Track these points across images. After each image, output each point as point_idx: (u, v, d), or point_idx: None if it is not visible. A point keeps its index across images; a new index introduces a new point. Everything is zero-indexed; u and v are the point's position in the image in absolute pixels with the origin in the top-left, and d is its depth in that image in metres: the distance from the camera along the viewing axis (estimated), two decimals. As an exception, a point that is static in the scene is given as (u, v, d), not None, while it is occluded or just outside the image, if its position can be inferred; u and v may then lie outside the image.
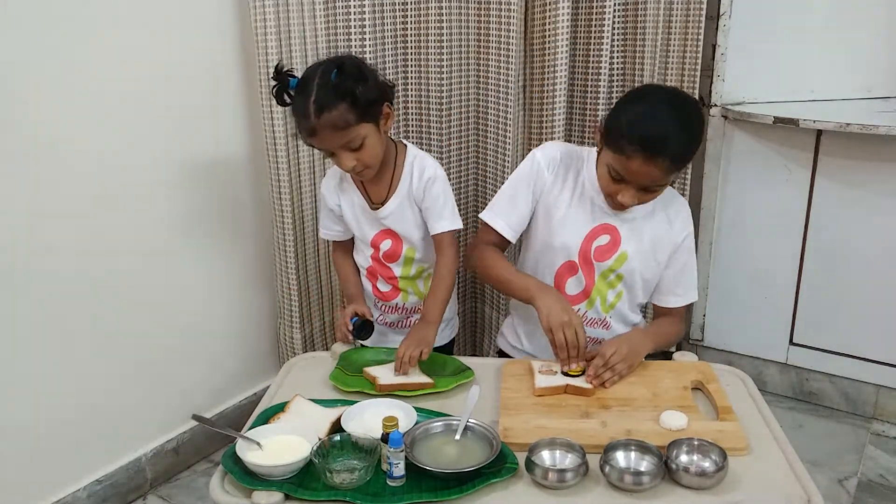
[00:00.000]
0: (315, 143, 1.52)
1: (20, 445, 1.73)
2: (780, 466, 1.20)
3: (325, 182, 1.73)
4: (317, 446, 1.16)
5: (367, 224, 1.68)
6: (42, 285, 1.70)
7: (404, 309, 1.75)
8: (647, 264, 1.60)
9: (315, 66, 1.52)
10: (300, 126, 1.50)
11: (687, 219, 1.63)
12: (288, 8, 1.93)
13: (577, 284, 1.61)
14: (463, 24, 2.11)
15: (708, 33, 2.21)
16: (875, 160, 2.19)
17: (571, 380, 1.40)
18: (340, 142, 1.49)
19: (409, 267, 1.72)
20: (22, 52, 1.59)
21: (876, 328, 2.29)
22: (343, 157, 1.51)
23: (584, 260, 1.59)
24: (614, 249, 1.58)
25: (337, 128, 1.47)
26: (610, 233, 1.58)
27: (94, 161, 1.76)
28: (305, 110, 1.46)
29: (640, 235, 1.58)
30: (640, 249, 1.58)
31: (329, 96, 1.45)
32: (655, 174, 1.42)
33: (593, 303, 1.62)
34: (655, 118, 1.42)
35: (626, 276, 1.60)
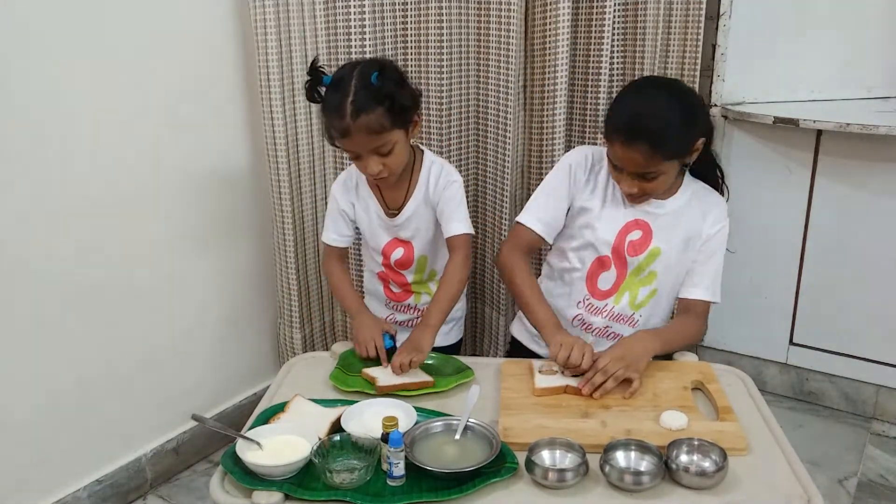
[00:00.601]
0: (344, 144, 1.50)
1: (20, 445, 1.73)
2: (780, 466, 1.20)
3: (339, 184, 1.69)
4: (317, 446, 1.16)
5: (379, 231, 1.67)
6: (42, 285, 1.70)
7: (416, 308, 1.75)
8: (679, 261, 1.60)
9: (351, 65, 1.51)
10: (331, 125, 1.48)
11: (721, 214, 1.61)
12: (288, 8, 1.94)
13: (609, 279, 1.62)
14: (463, 24, 2.11)
15: (708, 33, 2.21)
16: (875, 160, 2.19)
17: (571, 380, 1.40)
18: (372, 146, 1.48)
19: (422, 272, 1.72)
20: (21, 54, 1.59)
21: (876, 328, 2.29)
22: (370, 162, 1.50)
23: (616, 255, 1.60)
24: (646, 244, 1.58)
25: (372, 131, 1.46)
26: (642, 228, 1.59)
27: (94, 162, 1.76)
28: (341, 110, 1.44)
29: (673, 230, 1.58)
30: (674, 245, 1.58)
31: (368, 98, 1.45)
32: (637, 158, 1.44)
33: (621, 297, 1.61)
34: (635, 103, 1.49)
35: (661, 274, 1.59)
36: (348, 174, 1.69)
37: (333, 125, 1.47)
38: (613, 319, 1.63)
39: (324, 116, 1.50)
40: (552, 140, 2.16)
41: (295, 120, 2.04)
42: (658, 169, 1.47)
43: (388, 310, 1.77)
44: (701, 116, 1.53)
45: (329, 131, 1.50)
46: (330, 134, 1.51)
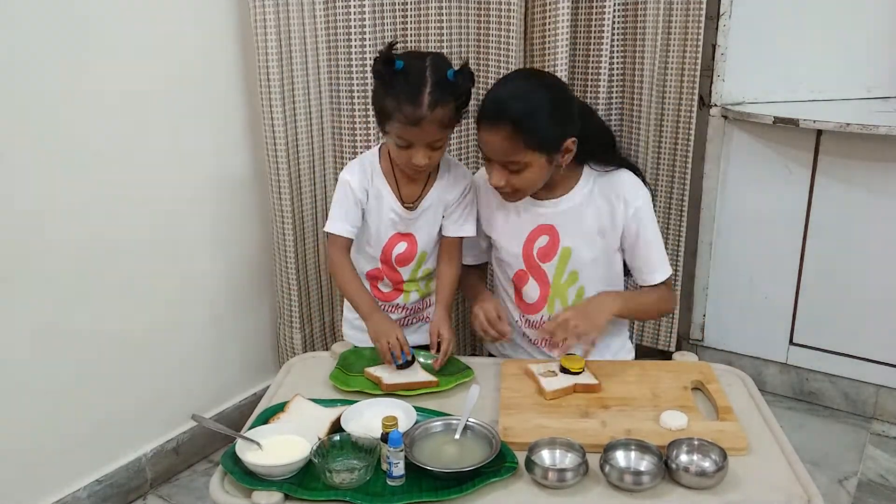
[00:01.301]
0: (407, 132, 1.49)
1: (20, 445, 1.72)
2: (780, 466, 1.20)
3: (354, 172, 1.64)
4: (316, 446, 1.16)
5: (386, 225, 1.66)
6: (42, 285, 1.70)
7: (405, 308, 1.75)
8: (599, 254, 1.59)
9: (421, 55, 1.53)
10: (402, 110, 1.46)
11: (631, 194, 1.56)
12: (288, 8, 1.94)
13: (534, 291, 1.63)
14: (463, 24, 2.11)
15: (708, 33, 2.21)
16: (875, 160, 2.19)
17: (577, 378, 1.40)
18: (433, 138, 1.50)
19: (418, 269, 1.72)
20: (21, 53, 1.59)
21: (876, 328, 2.29)
22: (421, 153, 1.51)
23: (530, 265, 1.61)
24: (555, 247, 1.59)
25: (442, 125, 1.49)
26: (547, 232, 1.59)
27: (94, 162, 1.76)
28: (417, 99, 1.45)
29: (579, 226, 1.57)
30: (584, 240, 1.58)
31: (445, 92, 1.47)
32: (499, 142, 1.44)
33: (553, 306, 1.62)
34: (501, 89, 1.51)
35: (581, 271, 1.60)
36: (361, 163, 1.66)
37: (404, 111, 1.47)
38: None
39: (391, 100, 1.48)
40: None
41: (295, 120, 2.04)
42: (522, 159, 1.45)
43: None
44: (569, 112, 1.50)
45: (391, 114, 1.49)
46: (389, 116, 1.50)
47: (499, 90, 1.51)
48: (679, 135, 2.24)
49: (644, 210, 1.57)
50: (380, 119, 1.54)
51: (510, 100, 1.45)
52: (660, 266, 1.61)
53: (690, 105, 2.20)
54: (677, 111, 2.22)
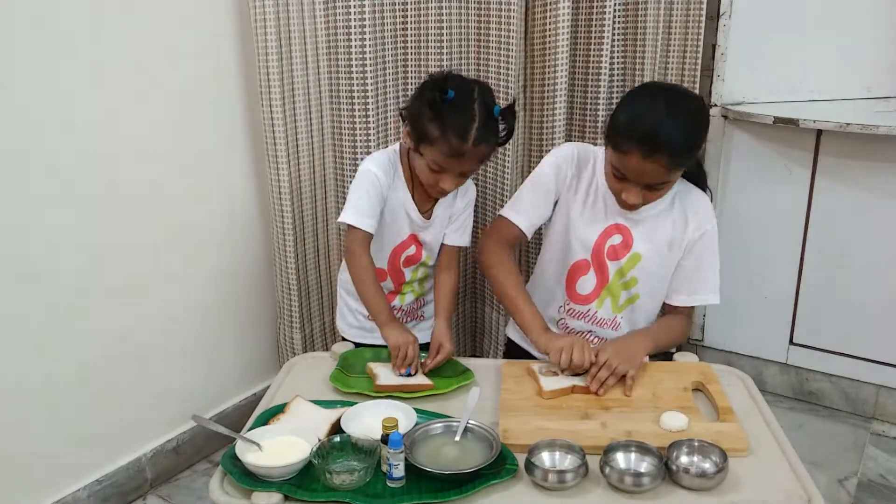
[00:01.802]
0: (445, 161, 1.50)
1: (20, 445, 1.72)
2: (780, 467, 1.20)
3: (380, 164, 1.61)
4: (316, 447, 1.16)
5: (400, 226, 1.66)
6: (42, 285, 1.70)
7: (401, 310, 1.75)
8: (662, 265, 1.58)
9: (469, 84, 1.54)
10: (447, 141, 1.48)
11: (706, 215, 1.57)
12: (288, 8, 1.93)
13: (589, 283, 1.61)
14: (463, 24, 2.11)
15: (708, 33, 2.21)
16: (875, 160, 2.19)
17: (577, 379, 1.40)
18: (469, 169, 1.54)
19: (418, 271, 1.73)
20: (21, 53, 1.59)
21: (876, 328, 2.29)
22: (452, 181, 1.54)
23: (596, 259, 1.59)
24: (626, 250, 1.57)
25: (480, 160, 1.54)
26: (622, 233, 1.57)
27: (94, 161, 1.76)
28: (465, 133, 1.48)
29: (653, 236, 1.56)
30: (655, 250, 1.56)
31: (490, 130, 1.52)
32: (655, 171, 1.41)
33: (603, 302, 1.61)
34: (652, 115, 1.40)
35: (642, 279, 1.58)
36: (387, 156, 1.64)
37: (451, 143, 1.48)
38: (596, 324, 1.63)
39: (436, 128, 1.48)
40: (552, 140, 2.16)
41: (295, 120, 2.03)
42: (669, 180, 1.45)
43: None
44: (706, 120, 1.50)
45: (434, 141, 1.49)
46: (431, 142, 1.49)
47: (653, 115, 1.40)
48: (679, 135, 2.23)
49: (712, 234, 1.57)
50: (418, 139, 1.53)
51: (669, 126, 1.38)
52: (712, 290, 1.60)
53: (690, 105, 2.19)
54: (677, 111, 2.21)
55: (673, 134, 1.38)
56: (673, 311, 1.64)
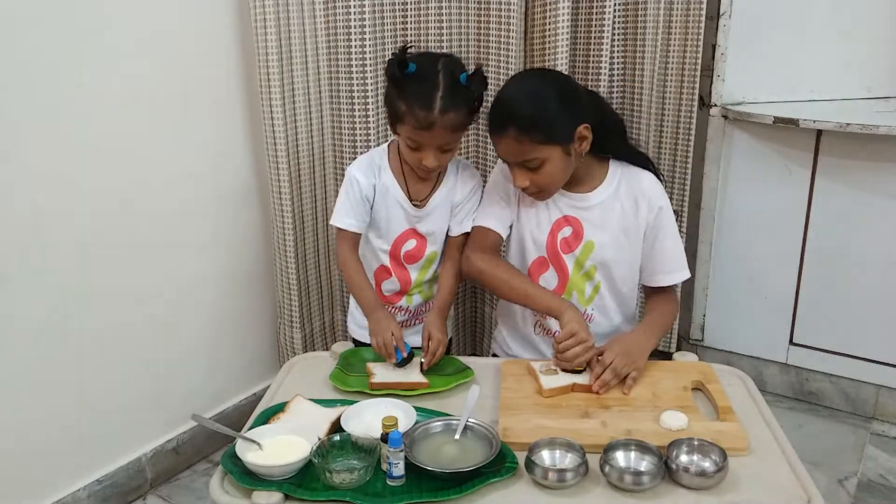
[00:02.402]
0: (418, 135, 1.50)
1: (20, 445, 1.72)
2: (780, 466, 1.20)
3: (361, 168, 1.64)
4: (316, 446, 1.16)
5: (397, 220, 1.66)
6: (42, 285, 1.70)
7: (408, 310, 1.75)
8: (620, 250, 1.59)
9: (434, 57, 1.55)
10: (414, 114, 1.48)
11: (655, 195, 1.58)
12: (288, 8, 1.94)
13: (551, 280, 1.62)
14: (463, 24, 2.11)
15: (708, 33, 2.21)
16: (875, 160, 2.19)
17: (577, 377, 1.40)
18: (443, 141, 1.52)
19: (427, 270, 1.71)
20: (21, 53, 1.59)
21: (876, 328, 2.29)
22: (431, 155, 1.53)
23: (552, 254, 1.60)
24: (578, 240, 1.59)
25: (453, 129, 1.51)
26: (571, 224, 1.59)
27: (94, 162, 1.76)
28: (430, 102, 1.47)
29: (606, 223, 1.58)
30: (608, 237, 1.58)
31: (456, 96, 1.49)
32: (509, 145, 1.46)
33: (570, 296, 1.62)
34: (502, 93, 1.51)
35: (601, 266, 1.60)
36: (370, 158, 1.67)
37: (417, 115, 1.48)
38: None
39: (402, 103, 1.50)
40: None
41: (295, 120, 2.04)
42: (536, 156, 1.45)
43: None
44: (576, 100, 1.49)
45: (402, 117, 1.50)
46: (400, 119, 1.51)
47: (499, 95, 1.51)
48: (679, 135, 2.24)
49: (667, 210, 1.59)
50: (391, 120, 1.55)
51: (510, 102, 1.47)
52: (680, 267, 1.61)
53: (690, 105, 2.20)
54: (677, 111, 2.22)
55: (515, 106, 1.45)
56: (656, 293, 1.65)
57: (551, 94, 1.47)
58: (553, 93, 1.47)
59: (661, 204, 1.58)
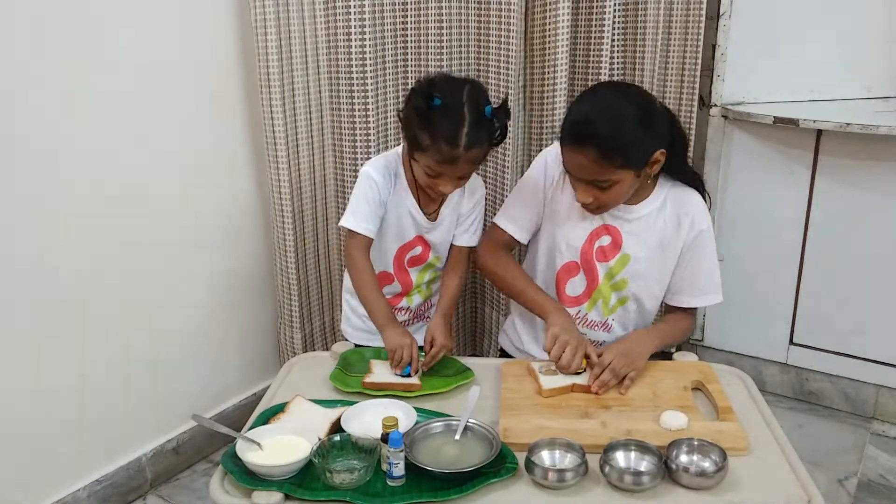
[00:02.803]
0: (440, 168, 1.48)
1: (21, 445, 1.73)
2: (780, 466, 1.20)
3: (379, 169, 1.59)
4: (316, 446, 1.16)
5: (407, 228, 1.66)
6: (42, 285, 1.70)
7: (409, 310, 1.75)
8: (654, 266, 1.57)
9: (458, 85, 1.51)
10: (438, 149, 1.45)
11: (699, 216, 1.55)
12: (288, 8, 1.94)
13: (579, 285, 1.60)
14: (463, 24, 2.11)
15: (708, 33, 2.21)
16: (875, 160, 2.19)
17: (576, 378, 1.40)
18: (465, 173, 1.51)
19: (426, 273, 1.72)
20: (21, 52, 1.59)
21: (876, 328, 2.29)
22: (450, 184, 1.52)
23: (585, 261, 1.58)
24: (616, 251, 1.56)
25: (475, 163, 1.51)
26: (611, 234, 1.56)
27: (94, 161, 1.76)
28: (455, 139, 1.44)
29: (645, 237, 1.55)
30: (646, 252, 1.55)
31: (481, 132, 1.47)
32: (584, 164, 1.40)
33: (594, 303, 1.61)
34: (586, 107, 1.44)
35: (632, 281, 1.58)
36: (387, 161, 1.63)
37: (441, 150, 1.45)
38: (587, 326, 1.62)
39: (426, 135, 1.46)
40: (552, 140, 2.15)
41: (295, 120, 2.04)
42: (610, 177, 1.41)
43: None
44: (658, 125, 1.45)
45: (425, 149, 1.47)
46: (422, 149, 1.48)
47: (582, 108, 1.45)
48: (679, 135, 2.24)
49: (708, 234, 1.56)
50: (411, 146, 1.52)
51: (595, 120, 1.39)
52: (713, 289, 1.59)
53: (691, 105, 2.20)
54: (677, 111, 2.22)
55: (600, 126, 1.38)
56: (676, 311, 1.63)
57: (634, 116, 1.40)
58: (635, 115, 1.41)
59: (703, 227, 1.54)
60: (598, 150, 1.37)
